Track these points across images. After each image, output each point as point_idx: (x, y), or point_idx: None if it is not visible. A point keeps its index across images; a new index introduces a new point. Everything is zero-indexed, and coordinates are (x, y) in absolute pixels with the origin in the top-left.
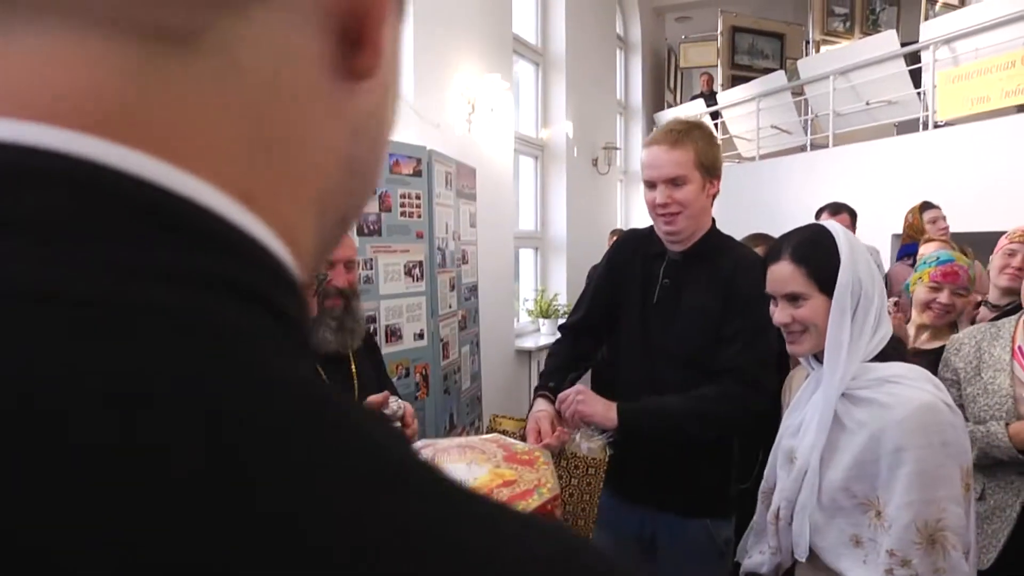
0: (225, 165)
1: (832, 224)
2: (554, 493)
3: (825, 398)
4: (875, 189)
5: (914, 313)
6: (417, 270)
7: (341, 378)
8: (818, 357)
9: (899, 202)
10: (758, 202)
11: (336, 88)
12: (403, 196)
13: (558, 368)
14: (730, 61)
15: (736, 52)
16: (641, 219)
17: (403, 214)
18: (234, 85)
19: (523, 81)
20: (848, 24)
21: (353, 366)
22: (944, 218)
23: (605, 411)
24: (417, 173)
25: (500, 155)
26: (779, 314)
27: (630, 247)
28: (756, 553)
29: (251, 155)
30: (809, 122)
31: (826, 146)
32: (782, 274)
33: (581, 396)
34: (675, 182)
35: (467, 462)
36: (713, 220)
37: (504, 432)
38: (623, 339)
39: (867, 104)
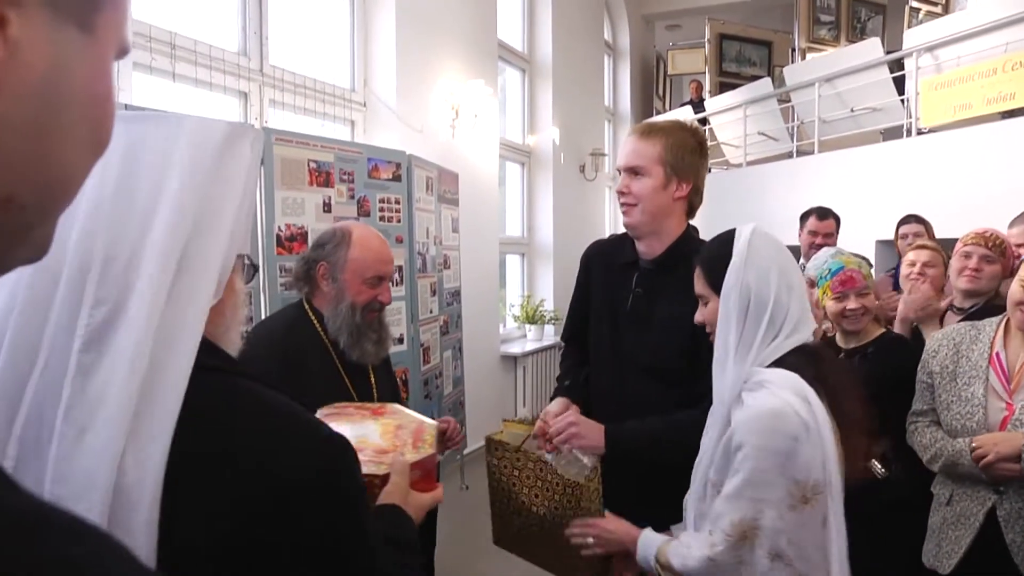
0: None
1: (744, 229)
2: (435, 427)
3: (718, 398)
4: (860, 195)
5: (833, 327)
6: (397, 275)
7: (364, 388)
8: None
9: (883, 208)
10: (745, 208)
11: None
12: (382, 201)
13: (571, 368)
14: (718, 68)
15: (724, 59)
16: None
17: (382, 219)
18: None
19: (510, 87)
20: (834, 32)
21: (372, 378)
22: (919, 234)
23: (597, 438)
24: (396, 178)
25: (484, 161)
26: (696, 315)
27: (599, 255)
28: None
29: None
30: (795, 129)
31: (812, 152)
32: (695, 276)
33: (575, 428)
34: (634, 172)
35: (349, 422)
36: (692, 227)
37: (513, 434)
38: (595, 350)
39: (852, 111)
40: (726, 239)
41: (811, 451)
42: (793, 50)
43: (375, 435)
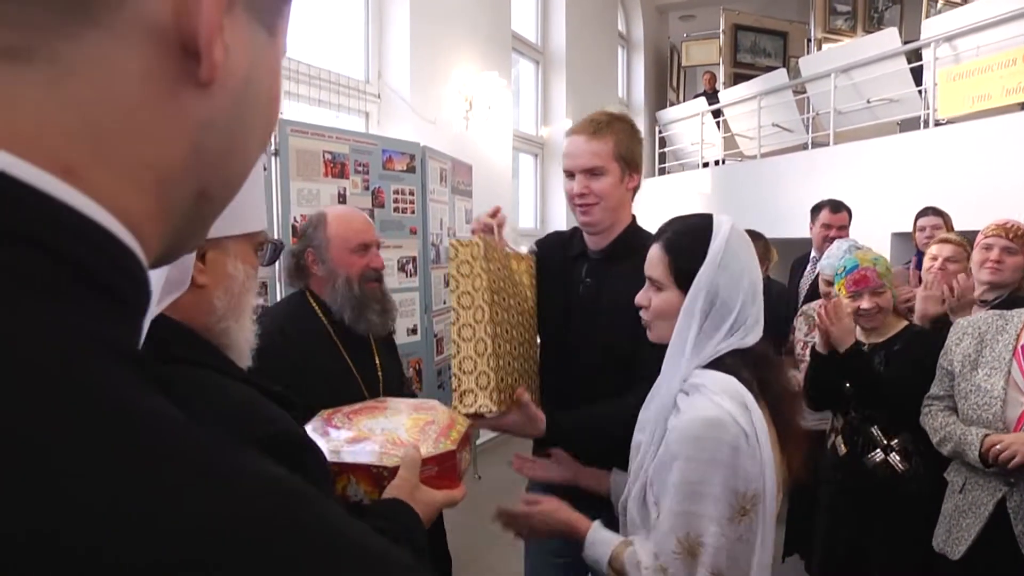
0: (48, 148)
1: (722, 226)
2: (467, 426)
3: (661, 398)
4: (875, 187)
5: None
6: (411, 265)
7: (366, 362)
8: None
9: (899, 201)
10: (759, 200)
11: (181, 93)
12: (396, 192)
13: None
14: (732, 59)
15: (738, 50)
16: (642, 217)
17: (396, 210)
18: (65, 89)
19: (523, 79)
20: (851, 22)
21: (376, 357)
22: (937, 226)
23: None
24: (411, 169)
25: (498, 152)
26: (640, 295)
27: (549, 249)
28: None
29: (77, 142)
30: (810, 120)
31: (827, 144)
32: (652, 257)
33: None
34: (593, 172)
35: (384, 416)
36: (634, 216)
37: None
38: (547, 339)
39: (868, 102)
40: (700, 232)
41: (750, 461)
42: (809, 40)
43: (402, 429)
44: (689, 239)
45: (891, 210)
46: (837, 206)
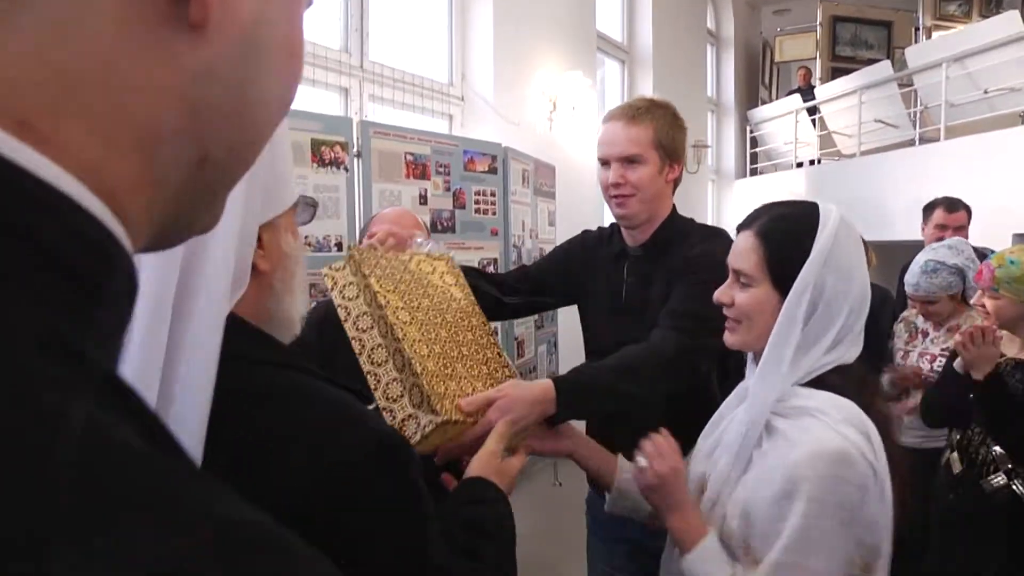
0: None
1: (830, 216)
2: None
3: (750, 418)
4: (994, 184)
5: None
6: (491, 268)
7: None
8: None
9: (1022, 199)
10: (857, 201)
11: (169, 37)
12: (477, 193)
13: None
14: (830, 53)
15: (837, 43)
16: (732, 218)
17: (477, 211)
18: (18, 26)
19: (609, 79)
20: (965, 7)
21: None
22: None
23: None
24: (492, 170)
25: (582, 154)
26: (722, 292)
27: (590, 247)
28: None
29: (33, 91)
30: (918, 114)
31: (937, 139)
32: (741, 247)
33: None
34: (630, 161)
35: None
36: (673, 206)
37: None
38: (592, 344)
39: (985, 92)
40: (804, 222)
41: (877, 504)
42: (916, 29)
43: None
44: (790, 228)
45: (1013, 209)
46: (953, 204)
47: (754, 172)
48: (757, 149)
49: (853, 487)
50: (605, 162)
